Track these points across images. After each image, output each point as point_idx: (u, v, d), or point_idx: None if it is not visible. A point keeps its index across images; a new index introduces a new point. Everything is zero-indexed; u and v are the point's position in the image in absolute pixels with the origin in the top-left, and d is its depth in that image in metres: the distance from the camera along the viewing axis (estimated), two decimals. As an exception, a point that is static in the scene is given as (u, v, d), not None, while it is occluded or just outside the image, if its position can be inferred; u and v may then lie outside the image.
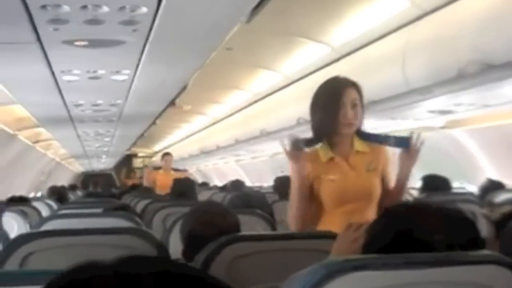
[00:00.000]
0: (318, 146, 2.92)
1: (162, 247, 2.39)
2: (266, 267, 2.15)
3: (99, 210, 3.91)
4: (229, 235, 2.19)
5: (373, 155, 2.93)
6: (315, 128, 2.94)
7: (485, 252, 1.44)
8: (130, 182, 16.86)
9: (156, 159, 18.11)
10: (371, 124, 5.65)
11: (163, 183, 8.74)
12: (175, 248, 2.78)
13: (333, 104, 2.83)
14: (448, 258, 1.39)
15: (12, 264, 2.23)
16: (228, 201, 3.97)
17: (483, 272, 1.39)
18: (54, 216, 3.75)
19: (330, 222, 2.82)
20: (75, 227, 2.74)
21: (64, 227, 2.81)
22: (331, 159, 2.90)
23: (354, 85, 2.90)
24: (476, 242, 1.46)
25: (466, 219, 1.49)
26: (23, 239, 2.35)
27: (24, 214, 4.70)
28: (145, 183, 9.74)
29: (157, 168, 9.73)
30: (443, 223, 1.44)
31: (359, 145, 2.92)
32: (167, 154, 9.71)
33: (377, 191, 2.91)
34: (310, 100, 2.95)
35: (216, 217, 2.48)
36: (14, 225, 4.52)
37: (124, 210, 3.89)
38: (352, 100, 2.84)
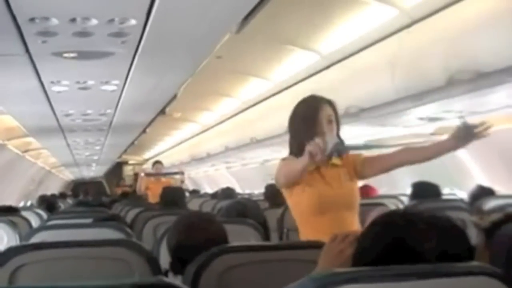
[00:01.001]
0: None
1: (152, 260, 2.38)
2: (257, 278, 2.15)
3: (89, 220, 3.90)
4: (219, 246, 2.19)
5: (345, 167, 3.06)
6: (291, 142, 3.11)
7: (474, 263, 1.44)
8: (119, 190, 16.80)
9: (147, 167, 18.05)
10: (361, 131, 5.67)
11: (154, 191, 8.74)
12: (166, 257, 2.78)
13: (310, 118, 2.99)
14: (438, 270, 1.39)
15: (2, 277, 2.22)
16: (223, 210, 3.97)
17: (472, 284, 1.39)
18: (43, 227, 3.74)
19: (315, 231, 2.86)
20: (65, 238, 2.74)
21: (54, 238, 2.81)
22: (317, 168, 3.00)
23: (329, 102, 3.07)
24: (467, 251, 1.47)
25: (457, 228, 1.49)
26: (12, 252, 2.34)
27: (13, 225, 4.68)
28: (139, 191, 9.68)
29: (149, 174, 9.70)
30: (434, 232, 1.44)
31: (334, 159, 3.05)
32: (158, 162, 9.70)
33: (357, 199, 3.05)
34: None
35: (200, 227, 2.48)
36: (4, 236, 4.50)
37: (115, 220, 3.89)
38: (328, 117, 3.01)
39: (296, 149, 3.03)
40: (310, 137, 2.90)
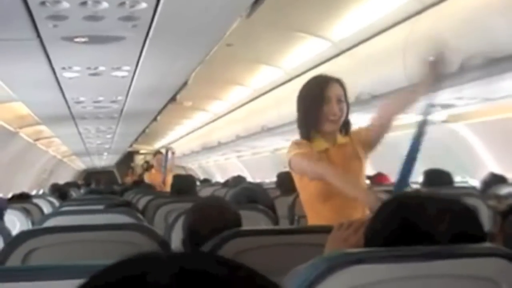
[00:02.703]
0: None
1: (164, 243, 2.39)
2: (268, 262, 2.14)
3: (101, 207, 3.92)
4: (231, 230, 2.20)
5: (351, 143, 2.96)
6: (300, 123, 2.98)
7: (485, 244, 1.44)
8: (130, 180, 16.85)
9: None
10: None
11: (154, 180, 8.89)
12: (177, 244, 2.79)
13: (318, 97, 2.87)
14: (449, 251, 1.39)
15: (14, 261, 2.24)
16: (230, 196, 3.97)
17: (483, 265, 1.39)
18: (56, 213, 3.76)
19: (319, 216, 2.85)
20: (77, 223, 2.74)
21: (66, 224, 2.82)
22: (326, 150, 2.92)
23: (338, 81, 2.94)
24: (480, 234, 1.46)
25: (469, 211, 1.49)
26: (25, 235, 2.36)
27: (26, 211, 4.71)
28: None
29: (148, 168, 9.84)
30: (446, 215, 1.44)
31: (340, 139, 2.96)
32: (159, 152, 9.84)
33: (364, 179, 3.00)
34: None
35: (216, 212, 2.49)
36: (16, 222, 4.52)
37: (126, 206, 3.90)
38: (337, 96, 2.89)
39: (306, 131, 2.94)
40: (320, 116, 2.86)
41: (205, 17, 3.50)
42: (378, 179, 6.65)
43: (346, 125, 2.95)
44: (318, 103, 2.86)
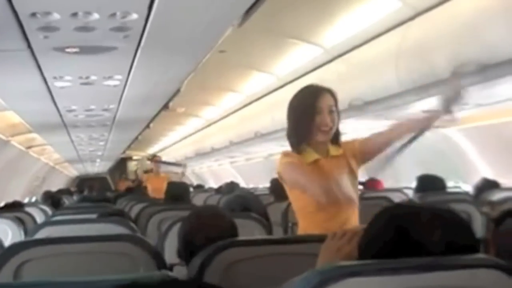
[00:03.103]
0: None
1: (157, 254, 2.38)
2: (262, 272, 2.15)
3: (93, 216, 3.90)
4: (225, 240, 2.19)
5: (344, 155, 2.95)
6: (290, 132, 2.96)
7: (479, 256, 1.44)
8: (122, 185, 16.81)
9: (148, 163, 18.06)
10: (365, 125, 5.66)
11: (153, 185, 8.83)
12: (171, 253, 2.78)
13: (310, 107, 2.85)
14: (442, 263, 1.38)
15: (6, 273, 2.23)
16: (224, 203, 3.97)
17: (477, 276, 1.38)
18: (48, 222, 3.74)
19: (311, 226, 2.84)
20: (70, 233, 2.74)
21: (58, 234, 2.81)
22: (316, 161, 2.91)
23: (330, 91, 2.92)
24: (473, 244, 1.46)
25: (462, 221, 1.49)
26: (17, 247, 2.34)
27: (18, 221, 4.69)
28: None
29: (147, 171, 9.79)
30: (438, 225, 1.44)
31: (333, 150, 2.95)
32: (155, 156, 9.78)
33: (356, 192, 2.96)
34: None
35: (212, 221, 2.48)
36: (9, 232, 4.51)
37: (119, 215, 3.89)
38: (329, 106, 2.87)
39: (297, 142, 2.92)
40: (311, 127, 2.84)
41: (197, 27, 3.50)
42: (370, 184, 6.66)
43: (336, 135, 2.95)
44: (310, 114, 2.85)
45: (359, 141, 2.98)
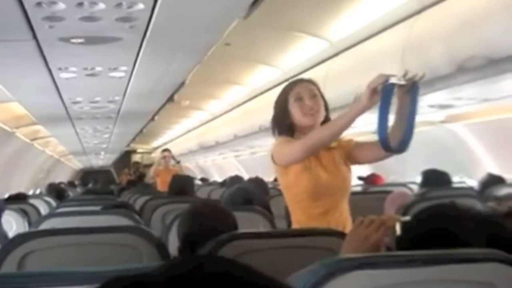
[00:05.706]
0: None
1: (161, 246, 2.37)
2: (265, 265, 2.11)
3: (98, 208, 3.90)
4: (227, 234, 2.18)
5: (339, 148, 2.96)
6: (275, 123, 3.06)
7: (486, 250, 1.43)
8: (124, 179, 16.78)
9: (155, 155, 18.08)
10: (371, 120, 5.64)
11: (163, 179, 8.77)
12: (175, 245, 2.77)
13: (285, 97, 2.95)
14: (450, 256, 1.38)
15: (10, 264, 2.22)
16: (226, 196, 3.95)
17: (484, 270, 1.38)
18: (52, 214, 3.74)
19: (304, 217, 2.84)
20: (73, 225, 2.73)
21: (62, 225, 2.81)
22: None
23: (309, 81, 3.00)
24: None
25: (506, 231, 1.51)
26: (21, 238, 2.34)
27: (22, 212, 4.69)
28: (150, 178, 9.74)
29: (147, 165, 9.74)
30: (484, 235, 1.46)
31: None
32: (166, 150, 9.70)
33: (350, 185, 2.99)
34: None
35: (212, 216, 2.47)
36: (13, 223, 4.51)
37: (123, 207, 3.89)
38: (310, 90, 2.92)
39: (285, 128, 2.97)
40: (294, 115, 2.90)
41: (203, 19, 3.49)
42: (372, 180, 6.63)
43: (326, 122, 2.94)
44: (291, 102, 2.92)
45: (355, 144, 3.00)
